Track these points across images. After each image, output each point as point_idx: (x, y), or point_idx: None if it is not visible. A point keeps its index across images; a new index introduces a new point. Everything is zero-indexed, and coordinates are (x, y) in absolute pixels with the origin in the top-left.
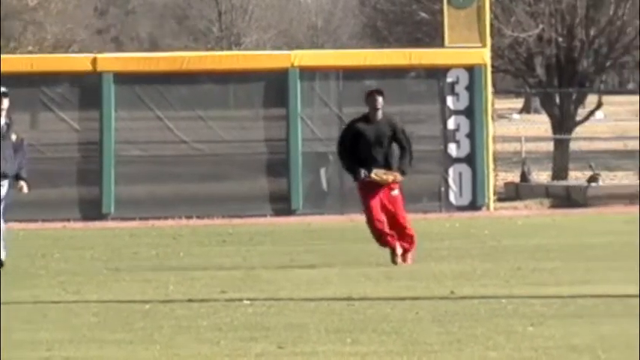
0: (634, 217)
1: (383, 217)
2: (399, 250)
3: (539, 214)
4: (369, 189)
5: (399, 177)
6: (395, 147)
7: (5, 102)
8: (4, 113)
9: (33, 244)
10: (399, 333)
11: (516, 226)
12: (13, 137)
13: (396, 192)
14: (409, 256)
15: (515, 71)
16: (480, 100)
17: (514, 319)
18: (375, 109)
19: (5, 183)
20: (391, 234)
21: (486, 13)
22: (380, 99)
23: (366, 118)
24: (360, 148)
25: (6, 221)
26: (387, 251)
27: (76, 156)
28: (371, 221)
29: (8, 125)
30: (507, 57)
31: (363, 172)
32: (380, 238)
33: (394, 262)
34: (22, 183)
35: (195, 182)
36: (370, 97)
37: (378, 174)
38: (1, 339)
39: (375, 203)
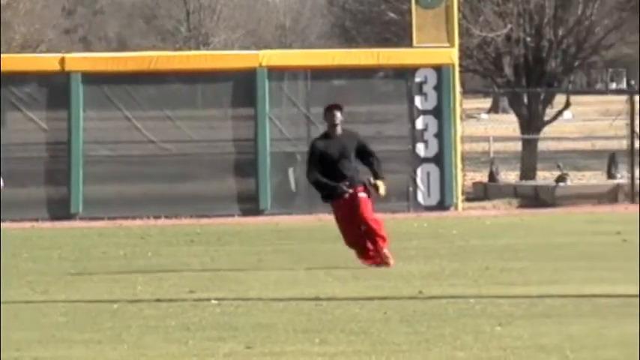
0: (602, 216)
1: (359, 237)
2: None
3: (507, 214)
4: (344, 209)
5: (382, 187)
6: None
7: None
8: None
9: (1, 244)
10: (368, 333)
11: (484, 226)
12: None
13: (364, 194)
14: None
15: (484, 71)
16: (448, 100)
17: (482, 318)
18: (333, 125)
19: None
20: (369, 253)
21: (454, 13)
22: (338, 114)
23: (327, 135)
24: (326, 166)
25: None
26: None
27: (45, 156)
28: (350, 244)
29: None
30: (475, 57)
31: (344, 186)
32: (360, 254)
33: (387, 264)
34: None
35: (163, 182)
36: (328, 112)
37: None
38: None
39: (349, 225)
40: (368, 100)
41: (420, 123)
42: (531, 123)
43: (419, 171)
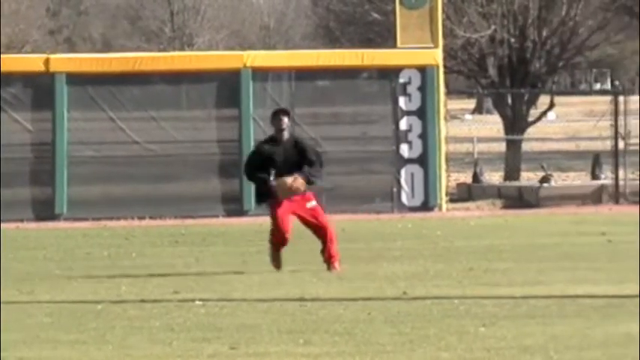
0: (586, 217)
1: (289, 232)
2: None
3: (491, 215)
4: (282, 206)
5: (301, 183)
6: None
7: None
8: None
9: None
10: (352, 334)
11: (469, 227)
12: None
13: (313, 203)
14: (336, 263)
15: (468, 72)
16: (432, 101)
17: (466, 319)
18: (280, 129)
19: None
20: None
21: (438, 14)
22: (285, 119)
23: (273, 140)
24: (270, 171)
25: None
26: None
27: (29, 156)
28: (277, 231)
29: None
30: (460, 58)
31: (271, 178)
32: (277, 247)
33: (277, 266)
34: None
35: (147, 183)
36: (275, 117)
37: (280, 185)
38: None
39: (284, 214)
40: (352, 101)
41: (404, 124)
42: (515, 124)
43: (403, 172)
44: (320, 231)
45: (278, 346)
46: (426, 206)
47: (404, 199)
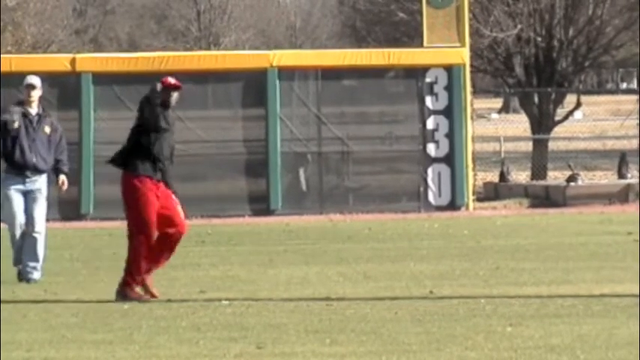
0: (612, 216)
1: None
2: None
3: (518, 214)
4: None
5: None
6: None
7: (34, 93)
8: (34, 104)
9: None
10: (378, 333)
11: (495, 226)
12: (47, 129)
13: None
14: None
15: (494, 71)
16: (458, 100)
17: (493, 319)
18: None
19: (39, 178)
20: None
21: (465, 13)
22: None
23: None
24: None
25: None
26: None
27: None
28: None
29: (40, 116)
30: (486, 57)
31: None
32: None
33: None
34: (63, 177)
35: (174, 182)
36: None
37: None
38: None
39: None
40: (379, 100)
41: (430, 123)
42: (542, 123)
43: (430, 171)
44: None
45: (304, 346)
46: (452, 205)
47: (431, 198)
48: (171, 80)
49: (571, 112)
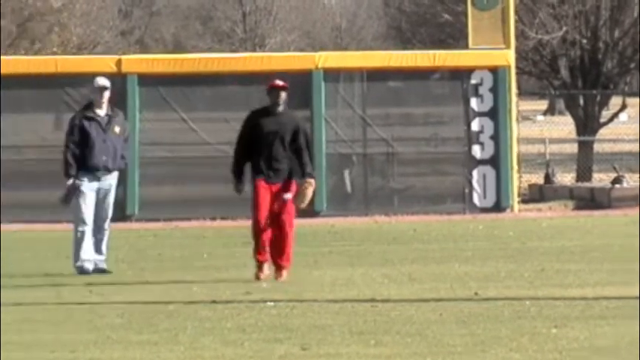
0: None
1: (269, 230)
2: (267, 271)
3: (563, 216)
4: (264, 191)
5: (310, 190)
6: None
7: (105, 94)
8: (104, 106)
9: (57, 245)
10: (423, 335)
11: (540, 228)
12: (117, 130)
13: (289, 196)
14: (284, 273)
15: (540, 73)
16: (504, 102)
17: (538, 320)
18: (276, 103)
19: (108, 177)
20: (266, 250)
21: (510, 15)
22: (283, 94)
23: (266, 111)
24: (256, 144)
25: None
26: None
27: None
28: (257, 227)
29: (110, 117)
30: (531, 59)
31: (240, 187)
32: (257, 249)
33: (258, 277)
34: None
35: (219, 183)
36: (272, 91)
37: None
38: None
39: (265, 209)
40: (424, 102)
41: (475, 125)
42: (587, 125)
43: (475, 173)
44: (280, 227)
45: (349, 347)
46: (497, 207)
47: (476, 200)
48: (279, 82)
49: (616, 114)
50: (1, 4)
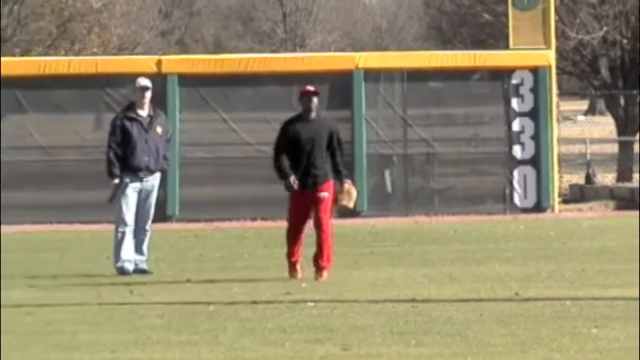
0: None
1: (302, 235)
2: (300, 271)
3: (603, 216)
4: (298, 200)
5: (354, 194)
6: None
7: (147, 95)
8: (146, 106)
9: (98, 246)
10: (463, 335)
11: (581, 228)
12: (159, 130)
13: (325, 194)
14: (325, 273)
15: (580, 73)
16: (544, 102)
17: (578, 321)
18: (308, 109)
19: (151, 178)
20: (298, 253)
21: (551, 15)
22: (315, 100)
23: (299, 118)
24: (295, 152)
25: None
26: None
27: None
28: (290, 232)
29: (152, 118)
30: (572, 59)
31: (293, 182)
32: (290, 251)
33: (292, 276)
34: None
35: (259, 184)
36: (304, 97)
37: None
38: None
39: (296, 220)
40: (464, 102)
41: (516, 125)
42: (628, 125)
43: (515, 173)
44: (317, 227)
45: (390, 348)
46: (538, 207)
47: (516, 200)
48: (310, 88)
49: None
50: (41, 5)
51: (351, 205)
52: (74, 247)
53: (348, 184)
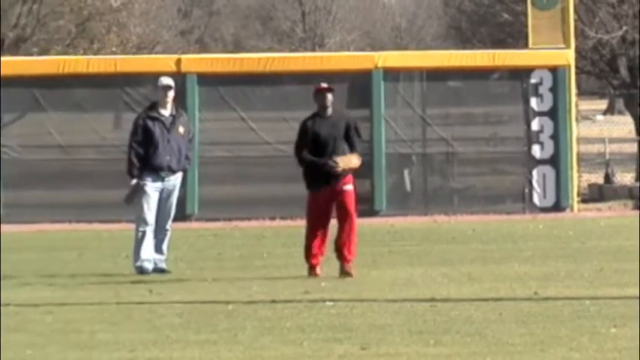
0: None
1: (320, 240)
2: (319, 271)
3: (622, 216)
4: (320, 201)
5: (356, 160)
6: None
7: (170, 94)
8: (169, 106)
9: (116, 245)
10: (482, 334)
11: (600, 228)
12: (181, 130)
13: (349, 187)
14: (351, 265)
15: (599, 73)
16: (563, 102)
17: (597, 320)
18: (323, 106)
19: (172, 178)
20: (318, 253)
21: (570, 15)
22: (329, 96)
23: (316, 115)
24: (317, 149)
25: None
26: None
27: None
28: (308, 237)
29: (174, 117)
30: (591, 58)
31: (332, 163)
32: (307, 253)
33: (312, 274)
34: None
35: (278, 183)
36: (319, 94)
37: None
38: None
39: (318, 221)
40: (483, 102)
41: (535, 124)
42: None
43: (534, 172)
44: (344, 218)
45: (409, 347)
46: (557, 207)
47: (535, 199)
48: (324, 85)
49: None
50: (61, 4)
51: (341, 165)
52: (93, 246)
53: (352, 155)
